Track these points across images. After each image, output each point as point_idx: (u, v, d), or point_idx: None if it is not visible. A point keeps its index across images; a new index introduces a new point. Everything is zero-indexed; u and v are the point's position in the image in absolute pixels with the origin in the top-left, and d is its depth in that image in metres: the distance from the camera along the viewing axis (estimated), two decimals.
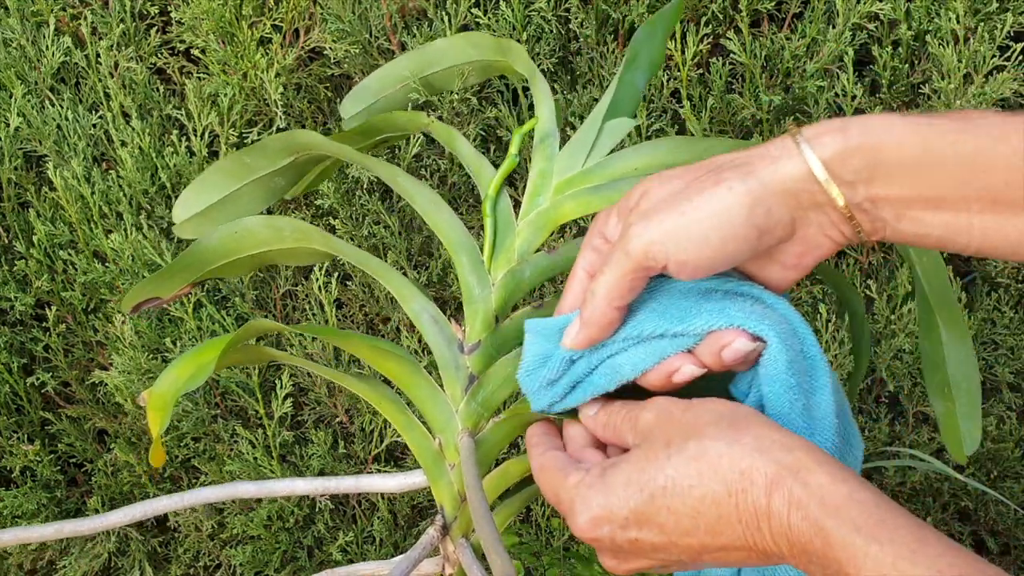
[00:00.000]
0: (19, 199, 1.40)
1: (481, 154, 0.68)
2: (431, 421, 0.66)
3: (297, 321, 1.39)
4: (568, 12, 1.24)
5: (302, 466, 1.38)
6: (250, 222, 0.68)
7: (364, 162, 0.68)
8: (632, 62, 0.68)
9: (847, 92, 1.17)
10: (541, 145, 0.66)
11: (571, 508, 0.51)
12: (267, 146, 0.69)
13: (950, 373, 0.64)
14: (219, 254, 0.68)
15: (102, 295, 1.36)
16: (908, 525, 0.43)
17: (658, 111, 1.24)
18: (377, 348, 0.66)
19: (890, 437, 1.29)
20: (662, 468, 0.48)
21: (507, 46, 0.70)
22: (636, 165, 0.63)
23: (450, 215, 0.67)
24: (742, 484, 0.46)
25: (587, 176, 0.64)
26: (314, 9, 1.30)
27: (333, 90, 1.35)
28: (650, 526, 0.49)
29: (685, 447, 0.48)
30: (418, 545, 0.63)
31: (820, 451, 0.47)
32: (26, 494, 1.38)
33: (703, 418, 0.49)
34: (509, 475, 0.66)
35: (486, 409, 0.64)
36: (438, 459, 0.65)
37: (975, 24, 1.15)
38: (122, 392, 1.34)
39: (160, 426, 0.59)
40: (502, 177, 0.66)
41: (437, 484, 0.66)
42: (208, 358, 0.59)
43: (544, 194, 0.65)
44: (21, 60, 1.35)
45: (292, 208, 1.35)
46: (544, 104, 0.66)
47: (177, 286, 0.69)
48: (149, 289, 0.68)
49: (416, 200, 0.68)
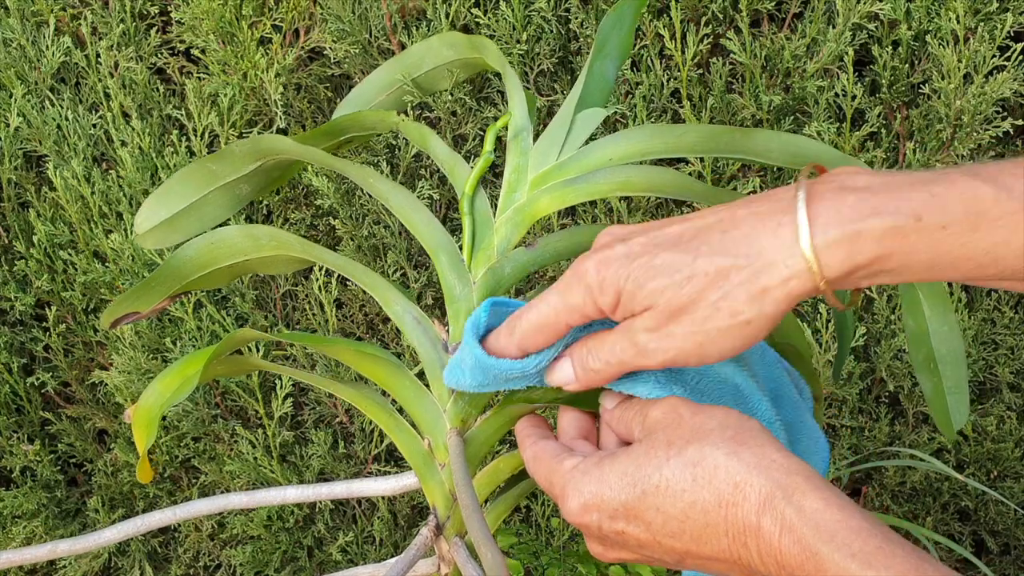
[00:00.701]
0: (19, 199, 1.40)
1: (456, 152, 0.68)
2: (419, 422, 0.66)
3: (297, 321, 1.39)
4: (568, 12, 1.24)
5: (302, 466, 1.38)
6: (226, 232, 0.67)
7: (333, 164, 0.67)
8: (600, 51, 0.67)
9: (847, 92, 1.17)
10: (515, 140, 0.65)
11: (563, 492, 0.52)
12: (232, 152, 0.68)
13: (935, 347, 0.63)
14: (196, 266, 0.68)
15: (102, 295, 1.36)
16: (904, 554, 0.43)
17: (658, 111, 1.24)
18: (361, 352, 0.65)
19: (890, 437, 1.29)
20: (659, 468, 0.49)
21: (480, 43, 0.69)
22: (611, 155, 0.63)
23: (427, 216, 0.66)
24: (734, 498, 0.46)
25: (562, 169, 0.64)
26: (314, 9, 1.30)
27: (333, 90, 1.35)
28: (637, 522, 0.49)
29: (685, 451, 0.48)
30: (412, 546, 0.63)
31: (819, 477, 0.46)
32: (26, 494, 1.38)
33: (708, 424, 0.49)
34: (500, 472, 0.66)
35: (473, 407, 0.64)
36: (428, 459, 0.65)
37: (975, 24, 1.15)
38: (122, 392, 1.34)
39: (146, 442, 0.58)
40: (477, 175, 0.66)
41: (428, 484, 0.66)
42: (191, 371, 0.59)
43: (520, 189, 0.64)
44: (21, 60, 1.35)
45: (292, 208, 1.35)
46: (516, 98, 0.66)
47: (155, 300, 0.68)
48: (127, 304, 0.68)
49: (391, 201, 0.67)
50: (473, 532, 0.55)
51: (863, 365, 1.26)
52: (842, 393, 1.25)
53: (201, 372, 0.58)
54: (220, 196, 0.70)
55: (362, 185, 0.68)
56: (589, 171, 0.63)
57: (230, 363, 0.66)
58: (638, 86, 1.23)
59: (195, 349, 1.33)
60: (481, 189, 0.66)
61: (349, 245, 1.31)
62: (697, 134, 0.62)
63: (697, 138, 0.62)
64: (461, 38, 0.71)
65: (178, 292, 0.68)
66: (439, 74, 0.74)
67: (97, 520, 1.42)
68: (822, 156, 0.60)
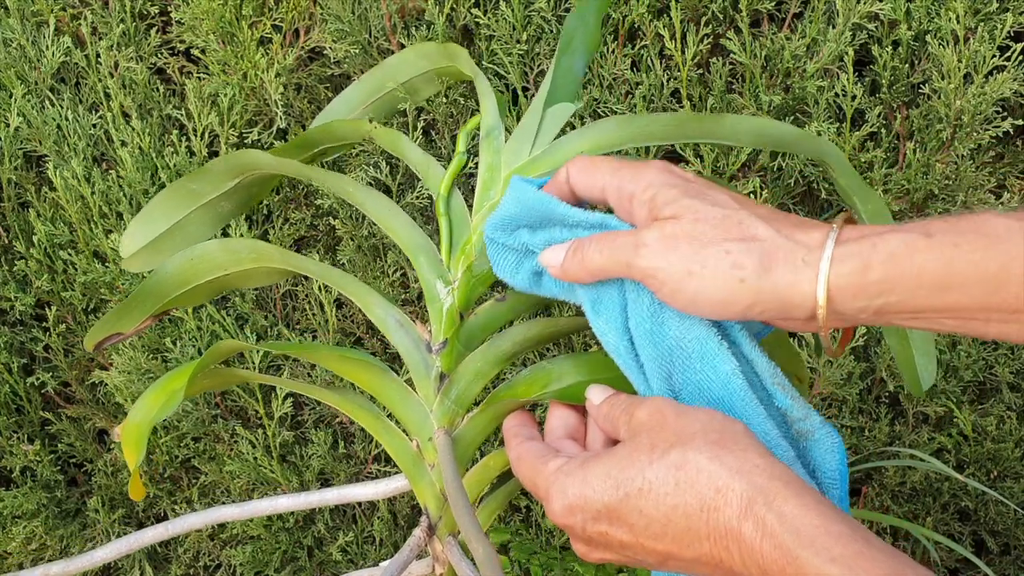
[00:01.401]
0: (19, 199, 1.40)
1: (428, 155, 0.68)
2: (406, 424, 0.66)
3: (297, 321, 1.39)
4: (568, 12, 1.24)
5: (302, 466, 1.38)
6: (206, 247, 0.68)
7: (310, 175, 0.67)
8: (567, 47, 0.68)
9: (847, 92, 1.17)
10: (487, 139, 0.66)
11: (547, 493, 0.52)
12: (210, 170, 0.68)
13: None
14: (176, 283, 0.68)
15: (102, 295, 1.36)
16: (884, 557, 0.43)
17: (658, 111, 1.24)
18: (345, 358, 0.66)
19: (890, 437, 1.29)
20: (642, 470, 0.49)
21: (453, 51, 0.70)
22: (582, 148, 0.63)
23: (405, 219, 0.67)
24: (716, 502, 0.47)
25: (534, 164, 0.64)
26: (314, 9, 1.30)
27: (333, 90, 1.35)
28: (620, 524, 0.50)
29: (668, 454, 0.49)
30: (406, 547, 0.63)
31: (800, 482, 0.47)
32: (26, 494, 1.38)
33: (692, 427, 0.49)
34: (490, 469, 0.66)
35: (460, 406, 0.65)
36: (417, 461, 0.66)
37: (975, 24, 1.15)
38: (122, 392, 1.34)
39: (137, 459, 0.59)
40: (452, 175, 0.66)
41: (419, 486, 0.66)
42: (176, 386, 0.59)
43: (494, 187, 0.65)
44: (21, 60, 1.35)
45: (292, 208, 1.35)
46: (487, 99, 0.66)
47: (137, 320, 0.68)
48: (109, 326, 0.68)
49: (368, 207, 0.68)
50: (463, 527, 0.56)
51: (863, 365, 1.26)
52: (842, 393, 1.25)
53: (186, 386, 0.58)
54: (202, 215, 0.71)
55: (339, 193, 0.68)
56: (561, 165, 0.64)
57: (215, 376, 0.66)
58: (638, 86, 1.23)
59: (195, 349, 1.33)
60: (456, 190, 0.66)
61: (349, 245, 1.31)
62: (664, 121, 0.63)
63: (665, 126, 0.63)
64: (434, 47, 0.72)
65: (160, 311, 0.69)
66: (417, 84, 0.75)
67: (97, 520, 1.42)
68: (785, 136, 0.63)
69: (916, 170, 1.19)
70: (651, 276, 0.51)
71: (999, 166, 1.24)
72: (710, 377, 0.53)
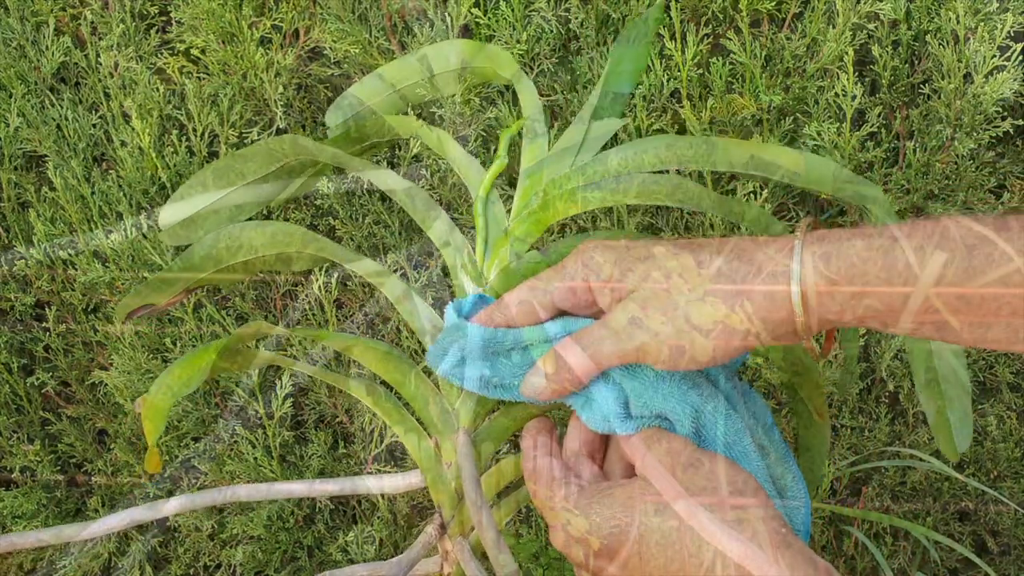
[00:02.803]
0: (19, 199, 1.40)
1: (472, 156, 0.68)
2: (427, 421, 0.66)
3: (297, 322, 1.39)
4: (568, 12, 1.24)
5: (302, 466, 1.38)
6: (243, 227, 0.68)
7: (361, 167, 0.68)
8: (616, 66, 0.69)
9: (847, 92, 1.17)
10: (531, 146, 0.66)
11: (553, 522, 0.54)
12: (258, 151, 0.68)
13: (938, 368, 0.63)
14: (212, 261, 0.68)
15: (102, 295, 1.36)
16: None
17: (658, 111, 1.24)
18: (374, 350, 0.66)
19: (890, 437, 1.29)
20: (646, 517, 0.51)
21: (493, 52, 0.70)
22: (627, 163, 0.64)
23: (444, 218, 0.67)
24: (715, 567, 0.49)
25: (577, 175, 0.65)
26: (314, 9, 1.30)
27: (333, 90, 1.35)
28: (618, 563, 0.52)
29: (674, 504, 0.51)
30: (416, 544, 0.63)
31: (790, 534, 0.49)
32: (26, 494, 1.38)
33: (699, 482, 0.51)
34: (504, 474, 0.66)
35: (482, 408, 0.65)
36: (435, 459, 0.66)
37: (975, 24, 1.15)
38: (122, 392, 1.34)
39: (155, 433, 0.59)
40: (492, 178, 0.66)
41: (435, 484, 0.66)
42: (203, 363, 0.59)
43: (534, 194, 0.65)
44: (21, 60, 1.35)
45: (292, 208, 1.35)
46: (532, 106, 0.67)
47: (171, 293, 0.68)
48: (143, 296, 0.68)
49: (406, 203, 0.68)
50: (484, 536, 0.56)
51: (863, 365, 1.26)
52: (842, 393, 1.25)
53: (213, 364, 0.58)
54: (243, 195, 0.71)
55: (380, 186, 0.68)
56: (604, 177, 0.64)
57: (241, 356, 0.67)
58: (638, 86, 1.23)
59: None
60: (495, 192, 0.67)
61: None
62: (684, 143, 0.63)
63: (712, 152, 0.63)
64: (471, 46, 0.72)
65: (194, 286, 0.69)
66: (442, 80, 0.75)
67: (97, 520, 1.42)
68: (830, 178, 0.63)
69: (916, 170, 1.19)
70: (644, 353, 0.51)
71: (999, 166, 1.24)
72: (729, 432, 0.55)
